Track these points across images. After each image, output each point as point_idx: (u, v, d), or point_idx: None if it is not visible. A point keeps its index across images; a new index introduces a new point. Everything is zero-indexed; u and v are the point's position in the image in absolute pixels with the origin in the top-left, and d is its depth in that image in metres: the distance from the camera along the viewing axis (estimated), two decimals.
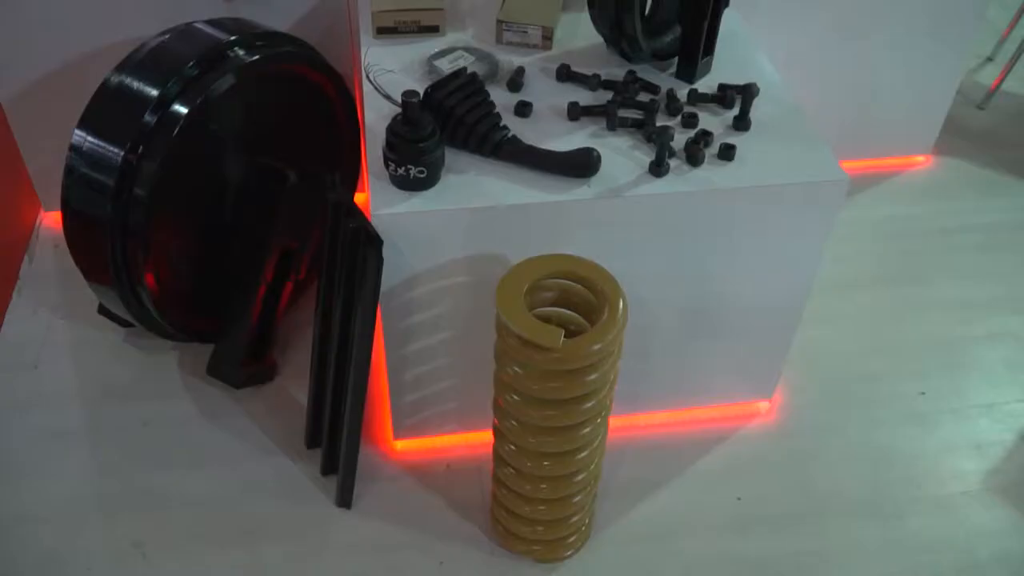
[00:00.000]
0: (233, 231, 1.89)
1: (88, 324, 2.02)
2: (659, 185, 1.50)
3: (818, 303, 2.10)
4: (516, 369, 1.35)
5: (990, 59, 3.15)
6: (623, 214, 1.50)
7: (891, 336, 2.13)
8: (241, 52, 1.69)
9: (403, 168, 1.43)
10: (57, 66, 2.01)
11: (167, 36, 1.70)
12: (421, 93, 1.46)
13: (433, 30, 1.82)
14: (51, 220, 2.29)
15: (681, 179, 1.51)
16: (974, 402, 2.00)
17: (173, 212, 1.73)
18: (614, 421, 1.61)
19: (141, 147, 1.60)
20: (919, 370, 2.06)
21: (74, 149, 1.65)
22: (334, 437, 1.72)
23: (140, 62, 1.67)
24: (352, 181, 2.13)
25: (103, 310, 1.95)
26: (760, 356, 1.83)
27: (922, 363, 2.07)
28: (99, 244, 1.67)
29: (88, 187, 1.63)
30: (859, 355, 2.08)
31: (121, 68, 1.67)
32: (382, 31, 1.81)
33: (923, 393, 2.01)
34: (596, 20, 1.69)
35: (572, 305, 1.44)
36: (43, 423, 1.85)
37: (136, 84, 1.63)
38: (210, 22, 1.75)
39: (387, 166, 1.46)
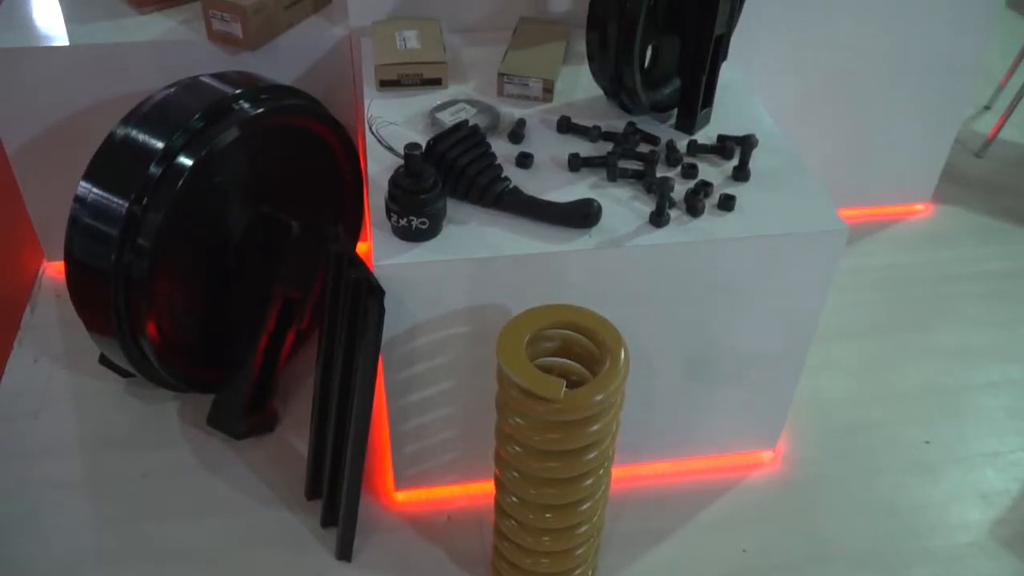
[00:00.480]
0: (235, 280, 1.90)
1: (89, 374, 2.02)
2: (659, 235, 1.51)
3: (820, 351, 2.10)
4: (518, 420, 1.35)
5: (988, 108, 3.19)
6: (624, 264, 1.51)
7: (893, 384, 2.13)
8: (246, 105, 1.71)
9: (405, 219, 1.44)
10: (64, 117, 2.03)
11: (173, 89, 1.73)
12: (423, 145, 1.48)
13: (436, 83, 1.85)
14: (54, 270, 2.30)
15: (681, 229, 1.52)
16: (978, 451, 1.98)
17: (176, 262, 1.74)
18: (616, 471, 1.60)
19: (146, 198, 1.61)
20: (922, 418, 2.05)
21: (79, 200, 1.66)
22: (334, 489, 1.71)
23: (146, 115, 1.69)
24: (354, 230, 2.14)
25: (104, 360, 1.95)
26: (763, 405, 1.83)
27: (925, 412, 2.06)
28: (101, 294, 1.67)
29: (92, 237, 1.65)
30: (863, 403, 2.08)
31: (127, 120, 1.69)
32: (385, 84, 1.83)
33: (928, 442, 2.00)
34: (596, 73, 1.71)
35: (574, 355, 1.44)
36: (43, 473, 1.84)
37: (142, 136, 1.65)
38: (216, 75, 1.78)
39: (389, 217, 1.47)
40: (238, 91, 1.72)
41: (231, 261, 1.87)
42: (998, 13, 2.28)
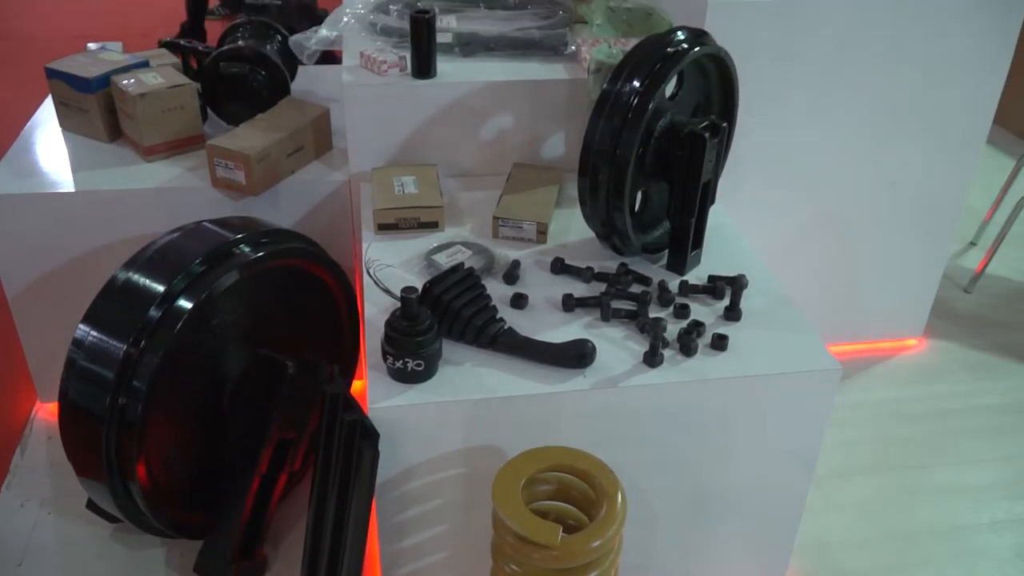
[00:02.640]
0: (229, 422, 1.88)
1: (76, 519, 1.97)
2: (654, 375, 1.51)
3: (821, 491, 2.07)
4: (513, 567, 1.31)
5: (973, 243, 3.26)
6: (619, 404, 1.51)
7: (898, 525, 2.09)
8: (247, 249, 1.75)
9: (401, 361, 1.45)
10: (66, 261, 2.07)
11: (176, 234, 1.77)
12: (420, 288, 1.50)
13: (432, 226, 1.89)
14: (46, 412, 2.28)
15: (675, 369, 1.53)
16: None
17: (170, 405, 1.73)
18: None
19: (144, 341, 1.62)
20: (930, 561, 2.00)
21: (76, 343, 1.67)
22: None
23: (149, 259, 1.72)
24: (350, 371, 2.15)
25: (92, 505, 1.91)
26: (765, 546, 1.78)
27: (932, 554, 2.02)
28: (94, 437, 1.65)
29: (87, 380, 1.65)
30: (868, 544, 2.03)
31: (130, 264, 1.72)
32: (383, 227, 1.88)
33: None
34: (588, 217, 1.76)
35: (570, 499, 1.42)
36: None
37: (143, 280, 1.67)
38: (218, 221, 1.83)
39: (385, 359, 1.48)
40: (239, 236, 1.76)
41: (225, 402, 1.87)
42: (981, 150, 2.36)
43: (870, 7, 2.08)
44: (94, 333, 1.66)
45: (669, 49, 1.63)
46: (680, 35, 1.67)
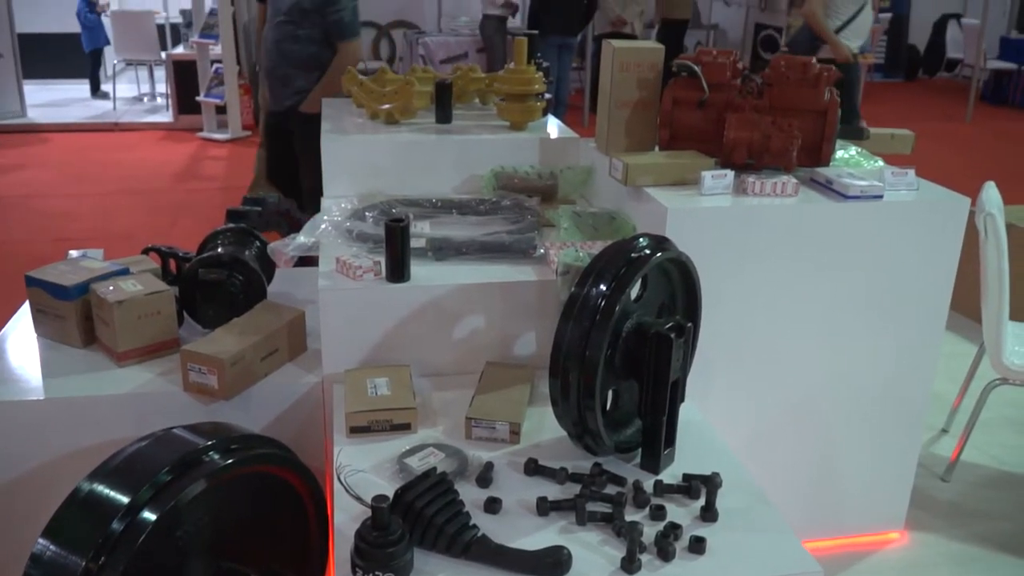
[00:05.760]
0: None
1: None
2: None
3: None
4: None
5: (945, 431, 3.28)
6: None
7: None
8: (216, 456, 1.72)
9: (371, 573, 1.41)
10: (30, 469, 2.02)
11: (144, 442, 1.75)
12: (391, 495, 1.48)
13: (405, 428, 1.89)
14: None
15: None
16: None
17: None
18: None
19: (103, 557, 1.56)
20: None
21: (34, 558, 1.60)
22: None
23: (115, 468, 1.69)
24: None
25: None
26: None
27: None
28: None
29: None
30: None
31: (95, 474, 1.68)
32: (355, 431, 1.87)
33: None
34: (560, 417, 1.77)
35: None
36: None
37: (107, 491, 1.63)
38: (189, 427, 1.81)
39: (354, 572, 1.43)
40: (209, 442, 1.74)
41: None
42: (941, 336, 2.42)
43: (820, 211, 2.20)
44: (52, 548, 1.60)
45: (633, 254, 1.71)
46: (642, 241, 1.75)
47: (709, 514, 1.63)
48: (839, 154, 2.53)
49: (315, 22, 3.65)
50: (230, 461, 1.73)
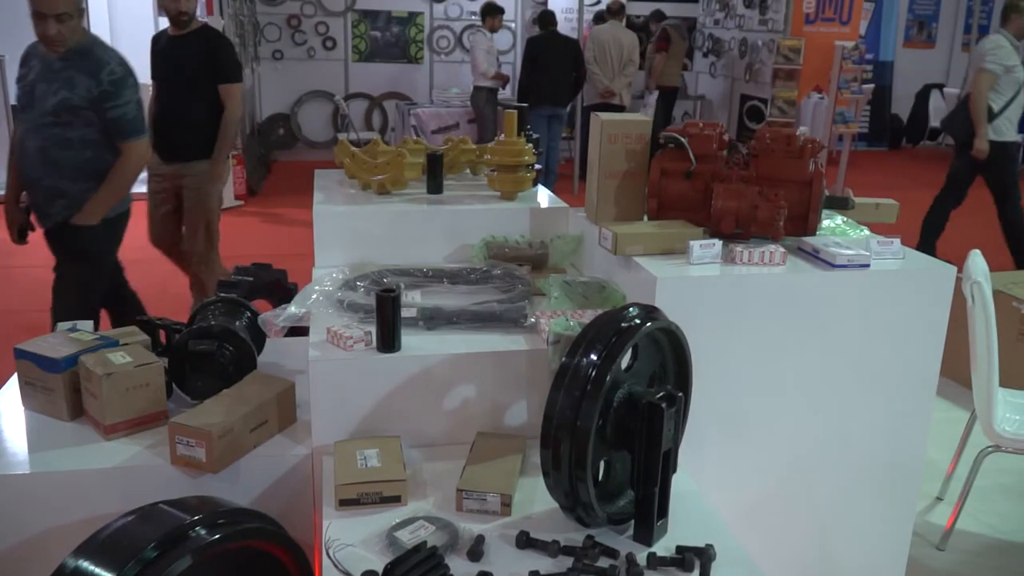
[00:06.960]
0: None
1: None
2: None
3: None
4: None
5: (939, 499, 3.26)
6: None
7: None
8: (202, 531, 1.70)
9: None
10: (13, 545, 1.99)
11: (131, 517, 1.72)
12: (380, 571, 1.46)
13: (395, 500, 1.87)
14: None
15: None
16: None
17: None
18: None
19: None
20: None
21: None
22: None
23: (100, 544, 1.66)
24: None
25: None
26: None
27: None
28: None
29: None
30: None
31: (79, 552, 1.65)
32: (345, 503, 1.85)
33: None
34: (551, 488, 1.75)
35: None
36: None
37: (93, 568, 1.60)
38: (175, 502, 1.79)
39: None
40: (195, 517, 1.71)
41: None
42: (932, 403, 2.42)
43: (808, 280, 2.22)
44: None
45: (623, 324, 1.71)
46: (632, 311, 1.76)
47: None
48: (825, 223, 2.57)
49: (89, 121, 3.17)
50: (217, 536, 1.70)
